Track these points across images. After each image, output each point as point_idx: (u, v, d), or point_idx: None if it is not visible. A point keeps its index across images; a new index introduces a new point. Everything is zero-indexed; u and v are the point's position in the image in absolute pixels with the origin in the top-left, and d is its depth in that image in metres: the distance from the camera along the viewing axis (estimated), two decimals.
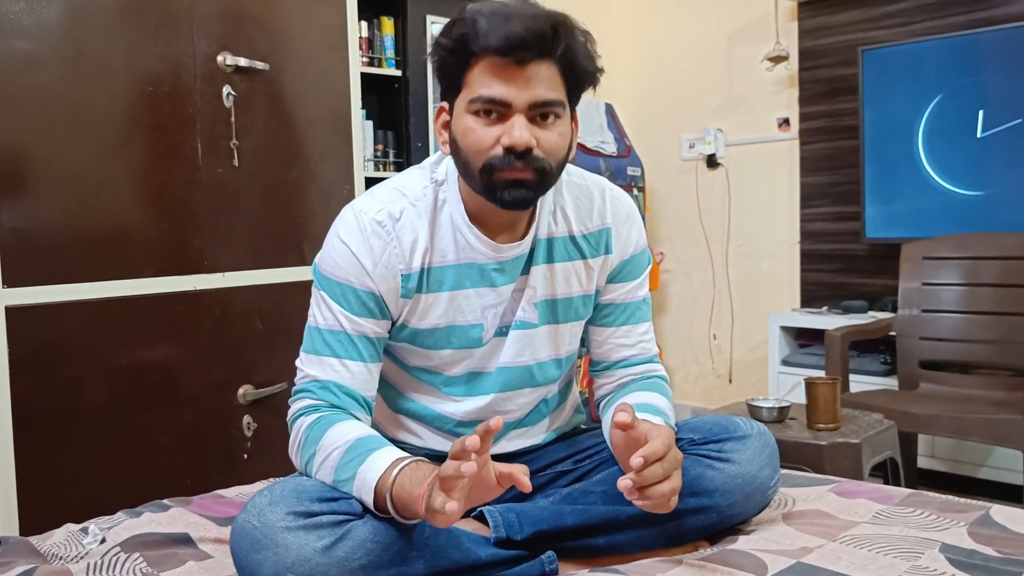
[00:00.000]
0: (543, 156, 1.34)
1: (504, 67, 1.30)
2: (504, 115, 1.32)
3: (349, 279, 1.40)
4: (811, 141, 4.09)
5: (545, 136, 1.34)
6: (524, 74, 1.30)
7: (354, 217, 1.42)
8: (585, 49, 1.36)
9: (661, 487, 1.25)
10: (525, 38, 1.28)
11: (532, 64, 1.30)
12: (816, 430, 2.42)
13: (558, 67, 1.33)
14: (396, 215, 1.42)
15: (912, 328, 3.29)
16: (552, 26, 1.30)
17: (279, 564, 1.20)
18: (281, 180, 2.76)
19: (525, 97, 1.31)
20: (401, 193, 1.44)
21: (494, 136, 1.32)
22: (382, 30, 3.63)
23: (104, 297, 2.35)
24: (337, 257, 1.41)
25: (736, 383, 4.44)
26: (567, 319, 1.54)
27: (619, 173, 4.16)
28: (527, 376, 1.53)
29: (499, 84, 1.31)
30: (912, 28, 3.72)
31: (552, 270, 1.50)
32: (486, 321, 1.47)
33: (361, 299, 1.40)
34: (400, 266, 1.41)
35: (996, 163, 3.40)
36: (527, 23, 1.28)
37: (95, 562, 1.42)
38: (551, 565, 1.39)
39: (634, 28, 4.73)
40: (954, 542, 1.38)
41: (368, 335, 1.42)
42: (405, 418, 1.56)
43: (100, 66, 2.35)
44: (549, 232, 1.50)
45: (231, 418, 2.63)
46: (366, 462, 1.29)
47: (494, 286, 1.46)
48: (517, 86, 1.30)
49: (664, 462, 1.24)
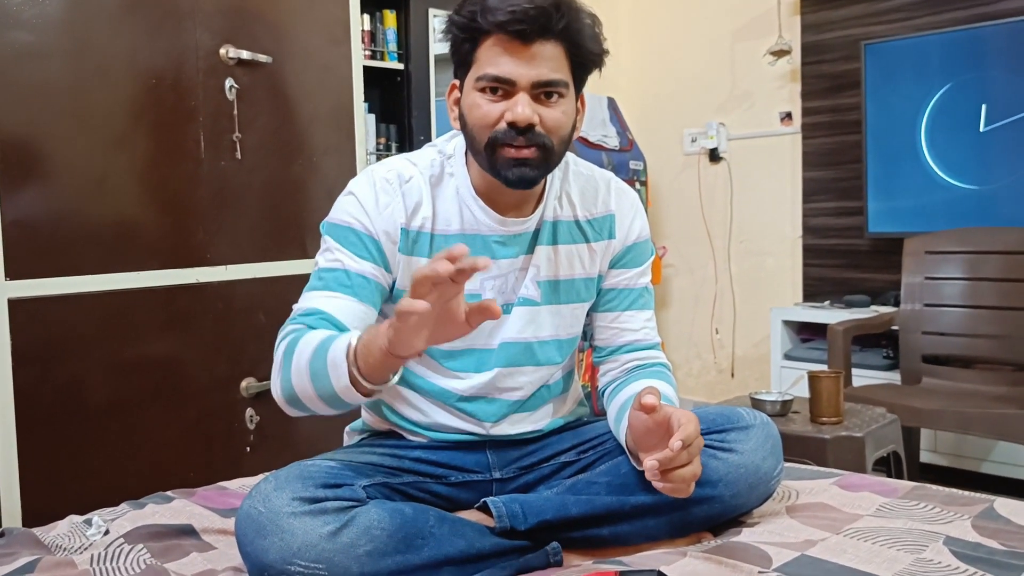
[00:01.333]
0: (545, 133, 1.38)
1: (510, 46, 1.35)
2: (509, 92, 1.37)
3: (352, 223, 1.44)
4: (814, 136, 4.09)
5: (548, 113, 1.38)
6: (528, 52, 1.35)
7: (366, 174, 1.49)
8: (591, 30, 1.40)
9: (683, 471, 1.25)
10: (529, 12, 1.31)
11: (537, 43, 1.34)
12: (819, 424, 2.42)
13: (563, 47, 1.37)
14: (406, 177, 1.47)
15: (914, 323, 3.29)
16: (556, 5, 1.33)
17: (285, 550, 1.21)
18: (284, 173, 2.75)
19: (529, 75, 1.35)
20: (411, 162, 1.50)
21: (499, 112, 1.37)
22: (384, 23, 3.63)
23: (107, 290, 2.36)
24: (345, 204, 1.47)
25: (738, 378, 4.44)
26: (569, 300, 1.56)
27: (621, 167, 4.15)
28: (528, 353, 1.53)
29: (504, 63, 1.35)
30: (915, 22, 3.71)
31: (556, 251, 1.53)
32: (484, 292, 1.49)
33: (363, 241, 1.43)
34: (401, 220, 1.45)
35: (999, 157, 3.39)
36: (536, 2, 1.32)
37: (99, 553, 1.42)
38: (555, 556, 1.39)
39: (637, 22, 4.72)
40: (958, 535, 1.38)
41: (366, 275, 1.42)
42: (408, 391, 1.56)
43: (103, 59, 2.35)
44: (555, 215, 1.53)
45: (234, 411, 2.63)
46: (331, 348, 1.25)
47: (495, 258, 1.48)
48: (521, 65, 1.35)
49: (691, 447, 1.25)
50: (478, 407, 1.53)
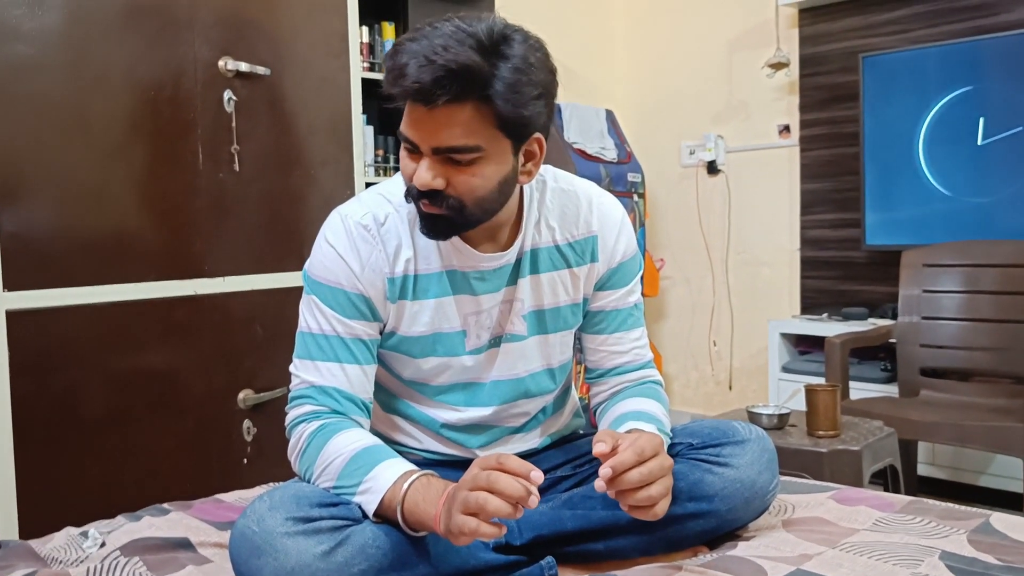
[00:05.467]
0: (456, 195, 1.32)
1: (415, 109, 1.28)
2: (417, 153, 1.32)
3: (340, 282, 1.41)
4: (811, 148, 4.09)
5: (458, 178, 1.31)
6: (431, 118, 1.27)
7: (340, 221, 1.43)
8: (511, 94, 1.26)
9: (640, 493, 1.25)
10: (430, 88, 1.23)
11: (443, 108, 1.25)
12: (816, 437, 2.42)
13: (482, 108, 1.27)
14: (381, 219, 1.43)
15: (912, 335, 3.29)
16: (457, 75, 1.22)
17: (279, 570, 1.20)
18: (282, 185, 2.76)
19: (429, 142, 1.29)
20: (386, 199, 1.45)
21: (412, 169, 1.33)
22: (383, 35, 3.63)
23: (105, 301, 2.36)
24: (326, 261, 1.42)
25: (736, 390, 4.44)
26: (556, 329, 1.54)
27: (619, 179, 4.16)
28: (521, 388, 1.54)
29: (409, 125, 1.30)
30: (913, 35, 3.72)
31: (538, 281, 1.51)
32: (468, 328, 1.48)
33: (352, 302, 1.42)
34: (385, 269, 1.42)
35: (996, 170, 3.40)
36: (436, 71, 1.22)
37: (95, 566, 1.42)
38: (551, 570, 1.39)
39: (635, 34, 4.73)
40: (954, 550, 1.38)
41: (361, 337, 1.43)
42: (400, 420, 1.57)
43: (101, 70, 2.36)
44: (533, 243, 1.50)
45: (231, 423, 2.63)
46: (373, 471, 1.29)
47: (475, 294, 1.47)
48: (422, 130, 1.29)
49: (643, 468, 1.25)
50: (464, 436, 1.54)
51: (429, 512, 1.22)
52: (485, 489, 1.15)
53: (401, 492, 1.26)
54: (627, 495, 1.26)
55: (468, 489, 1.17)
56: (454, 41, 1.23)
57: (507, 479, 1.15)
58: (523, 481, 1.15)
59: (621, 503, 1.28)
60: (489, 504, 1.14)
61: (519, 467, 1.16)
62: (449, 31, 1.25)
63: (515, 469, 1.16)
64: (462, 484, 1.19)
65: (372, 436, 1.39)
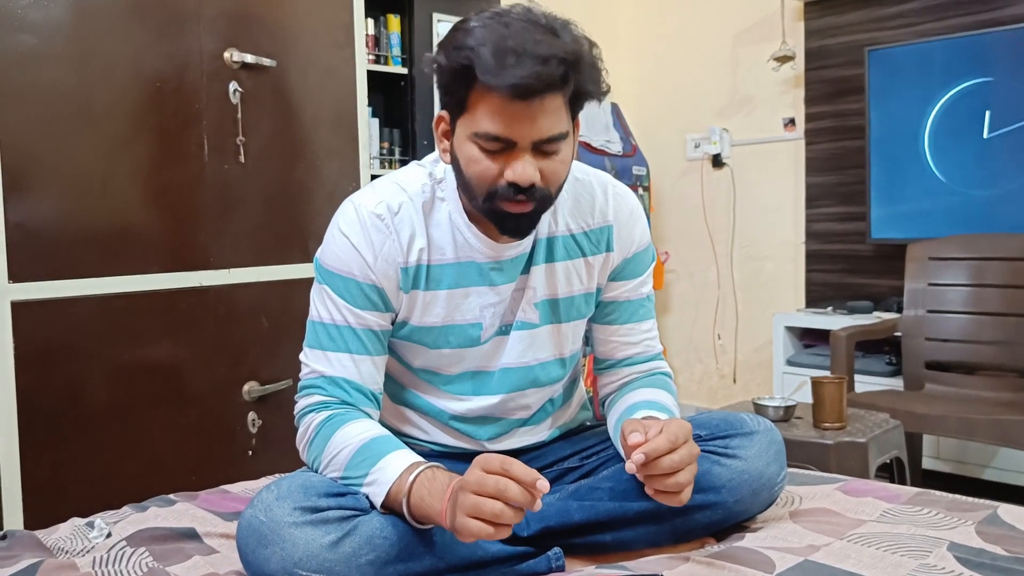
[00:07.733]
0: (546, 187, 1.32)
1: (509, 105, 1.24)
2: (509, 149, 1.28)
3: (352, 272, 1.40)
4: (817, 141, 4.09)
5: (549, 167, 1.31)
6: (530, 111, 1.25)
7: (354, 210, 1.42)
8: (593, 73, 1.30)
9: (670, 480, 1.25)
10: (535, 85, 1.22)
11: (537, 100, 1.24)
12: (822, 429, 2.42)
13: (564, 95, 1.28)
14: (395, 209, 1.41)
15: (917, 329, 3.29)
16: (562, 64, 1.23)
17: (286, 560, 1.20)
18: (287, 177, 2.76)
19: (531, 136, 1.27)
20: (400, 188, 1.44)
21: (498, 169, 1.29)
22: (389, 28, 3.63)
23: (110, 293, 2.36)
24: (339, 250, 1.41)
25: (741, 383, 4.43)
26: (569, 318, 1.53)
27: (624, 172, 4.16)
28: (531, 377, 1.53)
29: (503, 122, 1.26)
30: (919, 28, 3.71)
31: (552, 269, 1.49)
32: (484, 320, 1.47)
33: (364, 292, 1.40)
34: (399, 259, 1.41)
35: (1003, 164, 3.39)
36: (537, 67, 1.21)
37: (101, 556, 1.42)
38: (558, 561, 1.39)
39: (640, 28, 4.72)
40: (962, 541, 1.38)
41: (373, 328, 1.42)
42: (409, 411, 1.56)
43: (107, 62, 2.35)
44: (549, 232, 1.48)
45: (236, 414, 2.63)
46: (380, 463, 1.29)
47: (493, 285, 1.45)
48: (523, 125, 1.25)
49: (674, 455, 1.24)
50: (473, 428, 1.54)
51: (435, 507, 1.22)
52: (494, 496, 1.14)
53: (407, 485, 1.25)
54: (656, 480, 1.25)
55: (476, 493, 1.15)
56: (540, 32, 1.23)
57: (517, 489, 1.13)
58: (530, 490, 1.14)
59: (648, 488, 1.27)
60: (504, 516, 1.14)
61: (525, 475, 1.14)
62: (523, 22, 1.24)
63: (521, 477, 1.14)
64: (466, 484, 1.17)
65: (380, 427, 1.39)
